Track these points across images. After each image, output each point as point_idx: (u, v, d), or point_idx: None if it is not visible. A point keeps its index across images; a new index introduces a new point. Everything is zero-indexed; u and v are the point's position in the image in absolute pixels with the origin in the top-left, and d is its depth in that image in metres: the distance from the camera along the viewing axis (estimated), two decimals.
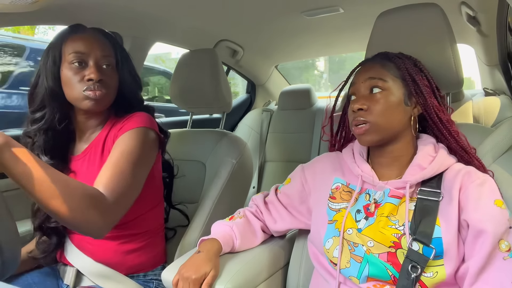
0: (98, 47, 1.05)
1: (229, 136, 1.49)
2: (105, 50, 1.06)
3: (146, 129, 1.06)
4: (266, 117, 2.63)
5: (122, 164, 0.96)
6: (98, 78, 1.01)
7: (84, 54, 1.03)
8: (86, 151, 1.10)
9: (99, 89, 1.02)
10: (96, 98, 1.02)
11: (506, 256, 0.74)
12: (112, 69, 1.07)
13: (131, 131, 1.03)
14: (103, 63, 1.05)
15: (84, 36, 1.05)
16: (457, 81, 1.00)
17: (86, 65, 1.03)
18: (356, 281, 0.83)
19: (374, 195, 0.89)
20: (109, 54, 1.07)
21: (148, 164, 1.07)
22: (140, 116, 1.07)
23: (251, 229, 1.04)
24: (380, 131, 0.86)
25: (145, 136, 1.05)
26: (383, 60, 0.92)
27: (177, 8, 1.55)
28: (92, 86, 1.01)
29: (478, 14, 1.62)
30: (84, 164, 1.10)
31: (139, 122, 1.05)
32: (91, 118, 1.11)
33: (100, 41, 1.07)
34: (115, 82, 1.08)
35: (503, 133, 0.93)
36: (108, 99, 1.07)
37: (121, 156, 0.98)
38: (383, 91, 0.87)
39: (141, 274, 1.14)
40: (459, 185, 0.81)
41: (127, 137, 1.02)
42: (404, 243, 0.80)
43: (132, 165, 0.98)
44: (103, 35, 1.10)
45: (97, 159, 1.08)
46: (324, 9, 1.68)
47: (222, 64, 1.61)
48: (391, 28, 1.05)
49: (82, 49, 1.03)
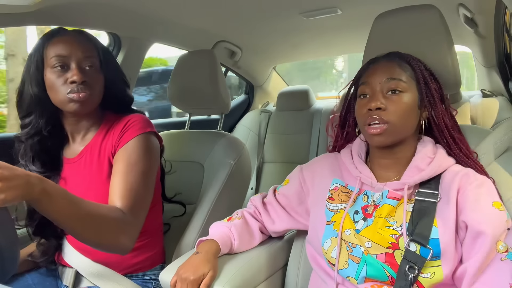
0: (79, 49, 1.03)
1: (228, 137, 1.49)
2: (87, 51, 1.05)
3: (148, 135, 1.07)
4: (264, 118, 2.63)
5: (132, 176, 0.99)
6: (81, 80, 1.00)
7: (65, 57, 1.02)
8: (82, 153, 1.10)
9: (83, 90, 1.01)
10: (80, 100, 1.01)
11: (503, 257, 0.75)
12: (95, 70, 1.06)
13: (133, 139, 1.04)
14: (85, 65, 1.04)
15: (64, 39, 1.04)
16: (454, 83, 1.00)
17: (68, 68, 1.02)
18: (354, 281, 0.83)
19: (373, 196, 0.89)
20: (91, 55, 1.05)
21: (155, 169, 1.09)
22: (139, 122, 1.07)
23: (249, 230, 1.04)
24: (395, 133, 0.85)
25: (148, 142, 1.06)
26: (400, 60, 0.91)
27: (175, 9, 1.55)
28: (75, 88, 1.00)
29: (476, 15, 1.63)
30: (80, 167, 1.09)
31: (139, 129, 1.05)
32: (82, 120, 1.10)
33: (81, 43, 1.05)
34: (99, 82, 1.07)
35: (500, 134, 0.93)
36: (94, 100, 1.06)
37: (129, 168, 1.00)
38: (401, 93, 0.86)
39: (139, 274, 1.14)
40: (457, 186, 0.81)
41: (131, 147, 1.03)
42: (401, 244, 0.80)
43: (141, 175, 1.00)
44: (84, 37, 1.08)
45: (94, 162, 1.07)
46: (322, 10, 1.69)
47: (220, 65, 1.62)
48: (389, 29, 1.06)
49: (63, 52, 1.02)
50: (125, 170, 0.99)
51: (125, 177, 0.98)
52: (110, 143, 1.06)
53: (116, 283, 1.08)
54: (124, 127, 1.06)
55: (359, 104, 0.91)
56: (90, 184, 1.06)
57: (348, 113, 1.01)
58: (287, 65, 4.84)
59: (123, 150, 1.03)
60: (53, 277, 1.15)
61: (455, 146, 0.89)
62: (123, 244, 0.92)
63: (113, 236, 0.89)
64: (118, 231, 0.90)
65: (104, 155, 1.07)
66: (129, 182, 0.97)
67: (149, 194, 1.03)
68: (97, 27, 1.60)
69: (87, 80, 1.02)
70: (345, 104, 1.01)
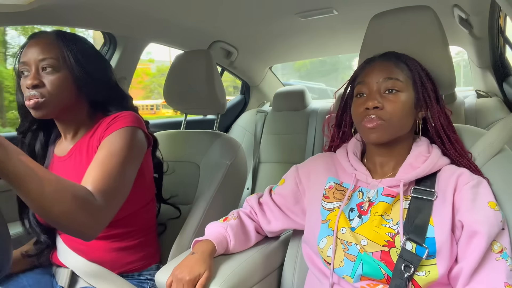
0: (36, 51, 1.01)
1: (223, 137, 1.49)
2: (44, 52, 1.01)
3: (134, 128, 1.04)
4: (260, 118, 2.63)
5: (110, 163, 0.95)
6: (31, 84, 0.98)
7: (26, 62, 1.01)
8: (71, 151, 1.09)
9: (33, 96, 0.99)
10: (33, 107, 0.99)
11: (498, 257, 0.75)
12: (53, 70, 1.01)
13: (118, 130, 1.01)
14: (42, 66, 1.01)
15: (29, 45, 1.03)
16: (449, 83, 1.00)
17: (29, 74, 1.01)
18: (349, 280, 0.84)
19: (368, 193, 0.89)
20: (50, 56, 1.01)
21: (136, 163, 1.05)
22: (127, 116, 1.05)
23: (245, 230, 1.04)
24: (391, 131, 0.86)
25: (133, 135, 1.03)
26: (397, 60, 0.91)
27: (171, 9, 1.54)
28: (28, 94, 0.99)
29: (471, 16, 1.64)
30: (69, 165, 1.09)
31: (126, 122, 1.03)
32: (63, 121, 1.10)
33: (40, 45, 1.02)
34: (61, 82, 1.02)
35: (495, 134, 0.93)
36: (52, 102, 1.01)
37: (108, 156, 0.96)
38: (398, 92, 0.87)
39: (135, 274, 1.13)
40: (453, 186, 0.82)
41: (114, 137, 1.00)
42: (397, 242, 0.80)
43: (119, 165, 0.96)
44: (45, 38, 1.04)
45: (83, 159, 1.06)
46: (318, 11, 1.69)
47: (216, 65, 1.61)
48: (384, 30, 1.06)
49: (25, 59, 1.01)
50: (104, 158, 0.95)
51: (102, 164, 0.94)
52: (96, 138, 1.05)
53: (112, 283, 1.07)
54: (111, 121, 1.05)
55: (356, 103, 0.91)
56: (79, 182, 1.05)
57: (345, 113, 1.02)
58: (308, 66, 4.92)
59: (106, 140, 1.00)
60: (49, 278, 1.14)
61: (450, 145, 0.90)
62: (85, 225, 0.84)
63: (77, 215, 0.82)
64: (81, 208, 0.82)
65: (91, 151, 1.05)
66: (106, 169, 0.93)
67: (125, 186, 0.98)
68: (91, 27, 1.60)
69: (39, 83, 0.99)
70: (341, 104, 1.02)
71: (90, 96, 1.09)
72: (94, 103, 1.11)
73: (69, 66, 1.03)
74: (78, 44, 1.07)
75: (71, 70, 1.03)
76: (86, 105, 1.10)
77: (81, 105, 1.09)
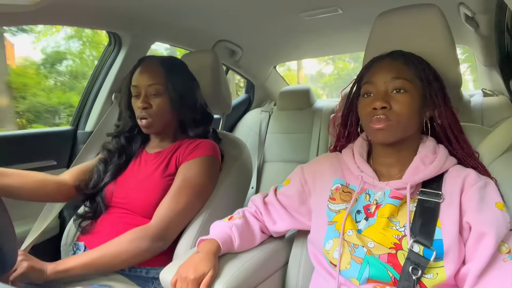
0: (146, 78, 1.22)
1: (228, 136, 1.49)
2: (151, 79, 1.21)
3: (213, 158, 1.23)
4: (265, 117, 2.63)
5: (181, 199, 1.13)
6: (142, 107, 1.21)
7: (137, 86, 1.22)
8: (158, 154, 1.27)
9: (144, 117, 1.22)
10: (144, 126, 1.23)
11: (506, 258, 0.74)
12: (157, 94, 1.22)
13: (198, 158, 1.19)
14: (150, 92, 1.22)
15: (139, 70, 1.24)
16: (455, 82, 1.00)
17: (140, 96, 1.22)
18: (356, 282, 0.83)
19: (375, 195, 0.89)
20: (156, 82, 1.21)
21: (207, 194, 1.22)
22: (207, 145, 1.23)
23: (250, 229, 1.03)
24: (399, 131, 0.85)
25: (210, 164, 1.21)
26: (404, 59, 0.90)
27: (176, 8, 1.54)
28: (139, 115, 1.22)
29: (477, 15, 1.62)
30: (153, 161, 1.25)
31: (206, 151, 1.21)
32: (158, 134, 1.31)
33: (148, 72, 1.22)
34: (164, 104, 1.23)
35: (501, 133, 0.93)
36: (157, 122, 1.24)
37: (183, 185, 1.15)
38: (406, 92, 0.86)
39: (143, 270, 1.14)
40: (460, 187, 0.81)
41: (193, 163, 1.19)
42: (404, 245, 0.80)
43: (193, 196, 1.16)
44: (154, 63, 1.24)
45: (162, 166, 1.22)
46: (322, 10, 1.69)
47: (222, 65, 1.61)
48: (389, 28, 1.05)
49: (136, 83, 1.23)
50: (179, 189, 1.14)
51: (175, 195, 1.13)
52: (177, 159, 1.22)
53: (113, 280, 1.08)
54: (195, 147, 1.22)
55: (363, 103, 0.90)
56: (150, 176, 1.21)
57: (351, 112, 1.01)
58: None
59: (186, 164, 1.19)
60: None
61: (457, 145, 0.89)
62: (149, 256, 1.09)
63: (139, 259, 1.08)
64: (143, 253, 1.07)
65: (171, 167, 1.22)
66: (175, 207, 1.12)
67: (189, 216, 1.17)
68: (96, 27, 1.60)
69: (148, 106, 1.21)
70: (347, 103, 1.01)
71: (180, 116, 1.29)
72: (181, 122, 1.31)
73: (169, 91, 1.23)
74: (176, 70, 1.27)
75: (170, 94, 1.23)
76: (175, 123, 1.31)
77: (173, 123, 1.30)
